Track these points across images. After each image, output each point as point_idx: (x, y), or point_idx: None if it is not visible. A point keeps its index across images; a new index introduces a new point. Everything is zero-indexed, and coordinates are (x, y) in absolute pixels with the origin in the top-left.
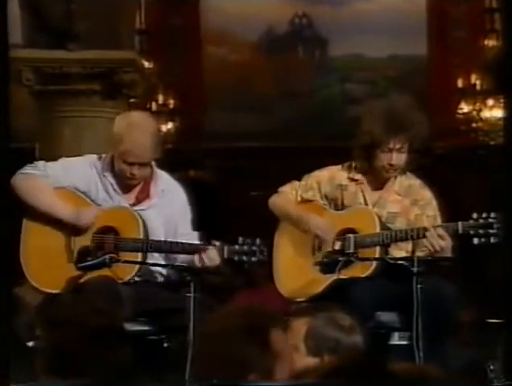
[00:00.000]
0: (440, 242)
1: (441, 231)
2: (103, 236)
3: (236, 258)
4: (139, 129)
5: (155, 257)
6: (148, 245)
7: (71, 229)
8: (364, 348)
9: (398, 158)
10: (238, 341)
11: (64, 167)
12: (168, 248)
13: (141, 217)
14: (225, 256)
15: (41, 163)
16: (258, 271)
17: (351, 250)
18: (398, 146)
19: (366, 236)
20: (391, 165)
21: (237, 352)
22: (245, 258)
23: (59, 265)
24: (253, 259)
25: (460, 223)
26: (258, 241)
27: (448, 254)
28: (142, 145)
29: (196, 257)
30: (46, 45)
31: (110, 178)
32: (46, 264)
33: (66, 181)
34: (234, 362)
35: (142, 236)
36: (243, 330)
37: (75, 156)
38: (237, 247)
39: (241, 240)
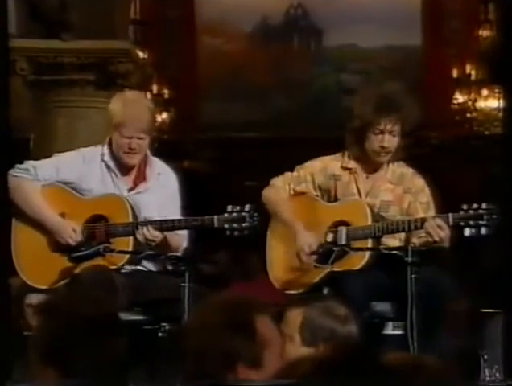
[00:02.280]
0: (440, 232)
1: (440, 221)
2: (93, 225)
3: (227, 226)
4: (134, 103)
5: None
6: (138, 227)
7: None
8: (358, 338)
9: (390, 141)
10: (223, 333)
11: (54, 165)
12: (158, 226)
13: (129, 201)
14: (216, 225)
15: (31, 165)
16: (252, 262)
17: (343, 242)
18: (389, 127)
19: (358, 229)
20: (383, 147)
21: (223, 344)
22: (235, 225)
23: (50, 260)
24: (244, 225)
25: (450, 215)
26: (247, 207)
27: (447, 245)
28: (137, 116)
29: None
30: (40, 35)
31: (110, 162)
32: (36, 260)
33: (56, 178)
34: (220, 354)
35: (131, 220)
36: (227, 321)
37: (69, 146)
38: (226, 215)
39: (229, 207)
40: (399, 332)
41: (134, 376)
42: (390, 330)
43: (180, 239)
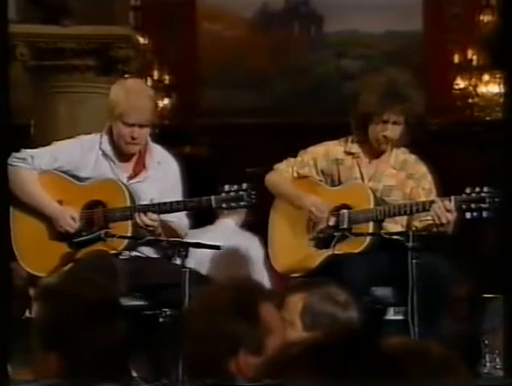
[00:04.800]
0: (448, 215)
1: (448, 204)
2: (91, 211)
3: (225, 206)
4: (136, 91)
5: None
6: (136, 211)
7: None
8: (359, 323)
9: (393, 131)
10: (226, 317)
11: (52, 154)
12: (156, 209)
13: (126, 186)
14: (214, 205)
15: (28, 154)
16: None
17: (345, 226)
18: (393, 119)
19: (360, 212)
20: (385, 137)
21: (226, 328)
22: (233, 204)
23: (49, 248)
24: (242, 204)
25: (452, 198)
26: (244, 185)
27: (451, 229)
28: (140, 105)
29: None
30: (40, 20)
31: (108, 151)
32: (36, 247)
33: (54, 166)
34: (223, 338)
35: (129, 205)
36: (231, 305)
37: (70, 131)
38: (223, 195)
39: (227, 187)
40: (400, 317)
41: (135, 361)
42: (391, 315)
43: (182, 227)
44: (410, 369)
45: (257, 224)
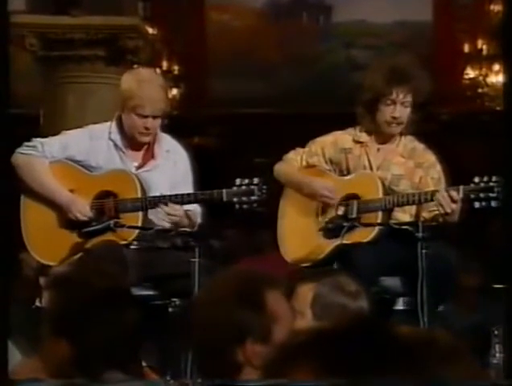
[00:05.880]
0: (452, 204)
1: (452, 192)
2: (102, 201)
3: (236, 200)
4: (149, 82)
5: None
6: (147, 202)
7: None
8: (369, 313)
9: (402, 111)
10: (233, 306)
11: (62, 142)
12: (167, 201)
13: (137, 177)
14: (225, 199)
15: (39, 142)
16: (263, 237)
17: (354, 215)
18: (400, 98)
19: (369, 201)
20: (394, 118)
21: (233, 317)
22: (244, 199)
23: (60, 237)
24: (253, 198)
25: (461, 188)
26: (255, 180)
27: (456, 218)
28: (154, 96)
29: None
30: (50, 11)
31: (118, 140)
32: (46, 237)
33: (64, 155)
34: (230, 328)
35: (140, 196)
36: (238, 294)
37: (79, 121)
38: (234, 188)
39: (238, 181)
40: (409, 308)
41: (144, 350)
42: (400, 305)
43: (196, 216)
44: (417, 357)
45: (266, 214)
